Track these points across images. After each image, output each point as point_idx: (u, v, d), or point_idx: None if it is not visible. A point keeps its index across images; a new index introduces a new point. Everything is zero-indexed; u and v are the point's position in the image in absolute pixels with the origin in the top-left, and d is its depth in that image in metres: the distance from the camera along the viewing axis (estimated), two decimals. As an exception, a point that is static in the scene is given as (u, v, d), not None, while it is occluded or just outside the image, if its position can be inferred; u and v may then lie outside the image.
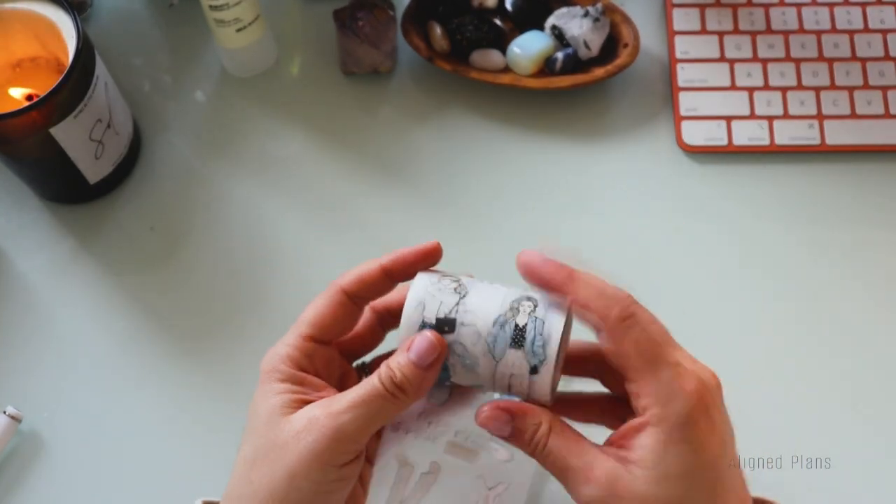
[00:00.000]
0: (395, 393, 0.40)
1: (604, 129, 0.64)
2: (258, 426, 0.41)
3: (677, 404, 0.38)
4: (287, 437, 0.40)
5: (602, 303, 0.39)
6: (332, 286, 0.44)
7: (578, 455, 0.40)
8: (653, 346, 0.39)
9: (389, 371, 0.40)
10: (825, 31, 0.65)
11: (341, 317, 0.44)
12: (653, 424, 0.38)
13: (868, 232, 0.60)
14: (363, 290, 0.44)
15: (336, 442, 0.39)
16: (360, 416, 0.40)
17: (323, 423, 0.39)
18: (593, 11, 0.63)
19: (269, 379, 0.42)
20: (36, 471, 0.55)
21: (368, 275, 0.44)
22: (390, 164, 0.64)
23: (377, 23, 0.63)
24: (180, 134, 0.65)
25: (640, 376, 0.39)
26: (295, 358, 0.43)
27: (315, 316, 0.44)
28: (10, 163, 0.59)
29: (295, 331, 0.44)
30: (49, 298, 0.60)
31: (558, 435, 0.40)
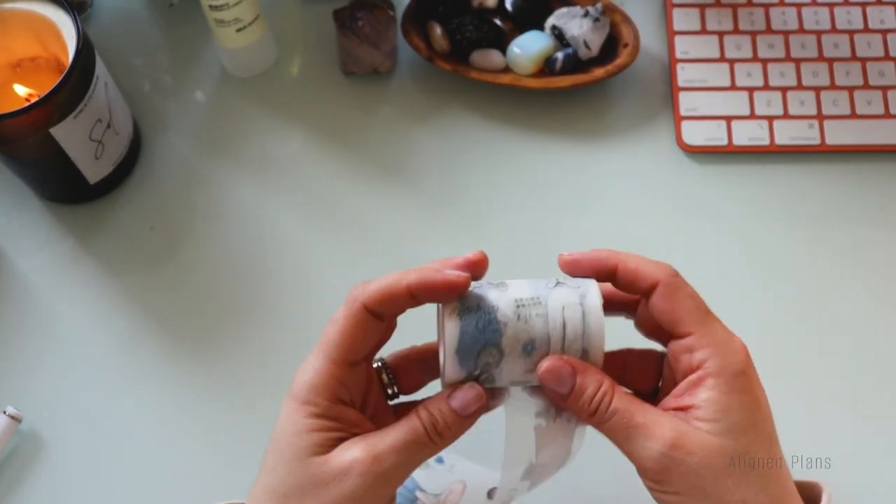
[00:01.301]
0: (435, 440, 0.40)
1: (604, 129, 0.64)
2: (291, 460, 0.40)
3: (735, 355, 0.39)
4: (327, 478, 0.39)
5: (651, 267, 0.41)
6: (354, 302, 0.42)
7: (643, 413, 0.39)
8: (702, 304, 0.41)
9: (431, 418, 0.40)
10: (825, 31, 0.65)
11: (369, 336, 0.42)
12: (713, 376, 0.39)
13: (868, 232, 0.60)
14: (388, 309, 0.42)
15: (378, 487, 0.39)
16: (402, 462, 0.40)
17: (366, 468, 0.39)
18: (593, 11, 0.63)
19: (304, 410, 0.41)
20: (36, 471, 0.55)
21: (393, 293, 0.41)
22: (390, 164, 0.64)
23: (377, 23, 0.63)
24: (180, 134, 0.65)
25: (694, 329, 0.40)
26: (330, 387, 0.41)
27: (343, 339, 0.42)
28: (10, 163, 0.59)
29: (324, 356, 0.42)
30: (49, 298, 0.60)
31: (621, 393, 0.40)
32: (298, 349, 0.58)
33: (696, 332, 0.40)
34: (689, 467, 0.38)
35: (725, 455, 0.38)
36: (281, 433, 0.41)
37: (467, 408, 0.40)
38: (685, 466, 0.38)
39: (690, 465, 0.38)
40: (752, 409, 0.39)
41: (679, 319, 0.40)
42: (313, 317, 0.59)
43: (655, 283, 0.40)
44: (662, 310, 0.40)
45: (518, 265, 0.60)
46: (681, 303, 0.40)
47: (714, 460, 0.38)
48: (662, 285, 0.40)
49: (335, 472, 0.39)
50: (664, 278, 0.40)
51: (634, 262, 0.41)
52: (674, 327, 0.40)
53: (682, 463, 0.38)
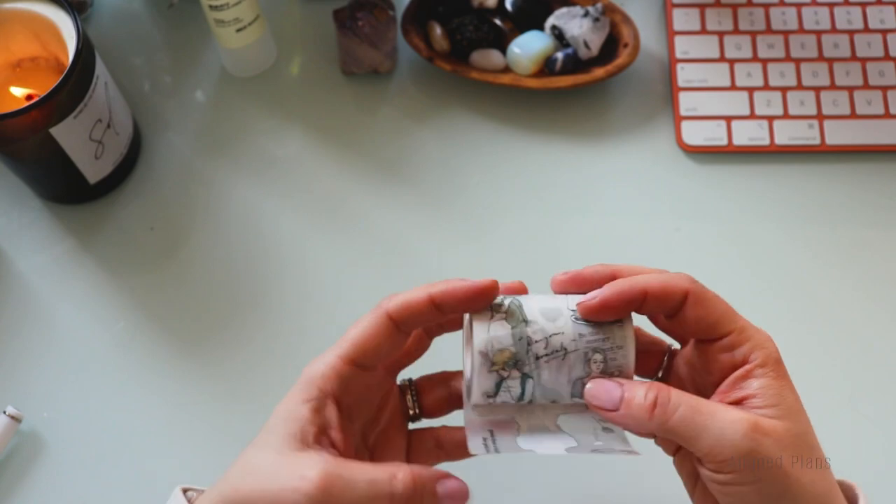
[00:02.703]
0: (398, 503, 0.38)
1: (604, 129, 0.64)
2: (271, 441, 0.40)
3: (771, 345, 0.41)
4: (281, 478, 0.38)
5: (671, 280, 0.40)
6: (378, 309, 0.42)
7: (706, 404, 0.39)
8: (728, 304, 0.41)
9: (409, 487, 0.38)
10: (825, 31, 0.65)
11: (386, 343, 0.42)
12: (760, 366, 0.40)
13: (868, 232, 0.60)
14: (410, 319, 0.42)
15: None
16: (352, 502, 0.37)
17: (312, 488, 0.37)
18: (593, 11, 0.63)
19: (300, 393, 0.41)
20: (36, 471, 0.55)
21: (416, 304, 0.41)
22: (390, 164, 0.64)
23: (377, 23, 0.63)
24: (180, 134, 0.66)
25: (734, 327, 0.40)
26: (329, 379, 0.41)
27: (359, 339, 0.42)
28: (10, 163, 0.59)
29: (337, 350, 0.42)
30: (49, 298, 0.60)
31: (679, 392, 0.39)
32: (299, 348, 0.58)
33: (734, 329, 0.40)
34: (769, 450, 0.38)
35: (793, 436, 0.39)
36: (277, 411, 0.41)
37: (448, 499, 0.39)
38: (766, 449, 0.38)
39: (770, 448, 0.38)
40: (795, 394, 0.41)
41: (716, 322, 0.40)
42: (313, 316, 0.59)
43: (685, 294, 0.40)
44: (698, 317, 0.40)
45: (518, 265, 0.60)
46: (714, 307, 0.40)
47: (786, 441, 0.38)
48: (692, 295, 0.40)
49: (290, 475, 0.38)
50: (690, 287, 0.40)
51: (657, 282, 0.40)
52: (711, 331, 0.41)
53: (763, 446, 0.38)
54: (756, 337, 0.41)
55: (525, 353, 0.40)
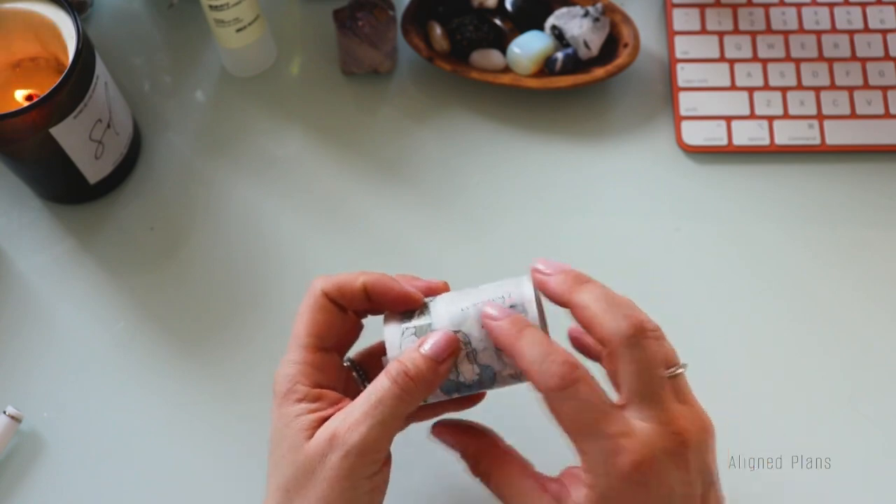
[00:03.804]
0: (408, 389, 0.39)
1: (604, 129, 0.64)
2: (285, 453, 0.41)
3: (605, 478, 0.38)
4: (314, 462, 0.39)
5: (540, 369, 0.39)
6: (313, 290, 0.43)
7: (514, 490, 0.41)
8: (590, 418, 0.38)
9: (402, 366, 0.40)
10: (825, 31, 0.65)
11: (333, 322, 0.43)
12: (586, 486, 0.38)
13: (868, 232, 0.60)
14: (342, 299, 0.43)
15: (360, 457, 0.39)
16: (378, 424, 0.39)
17: (344, 440, 0.39)
18: (593, 11, 0.63)
19: (286, 402, 0.42)
20: (36, 471, 0.55)
21: (347, 285, 0.43)
22: (390, 164, 0.64)
23: (377, 23, 0.63)
24: (180, 134, 0.66)
25: (575, 443, 0.38)
26: (307, 373, 0.42)
27: (309, 325, 0.43)
28: (10, 163, 0.59)
29: (295, 346, 0.43)
30: (49, 298, 0.60)
31: (496, 467, 0.41)
32: (298, 349, 0.58)
33: (577, 446, 0.38)
34: None
35: None
36: (273, 430, 0.42)
37: (439, 353, 0.40)
38: None
39: None
40: None
41: (565, 431, 0.39)
42: (313, 317, 0.59)
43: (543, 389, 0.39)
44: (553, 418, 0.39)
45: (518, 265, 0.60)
46: (563, 418, 0.38)
47: None
48: (547, 399, 0.39)
49: (319, 454, 0.39)
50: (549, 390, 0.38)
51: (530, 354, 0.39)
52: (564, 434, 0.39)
53: None
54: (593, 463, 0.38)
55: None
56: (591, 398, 0.38)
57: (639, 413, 0.38)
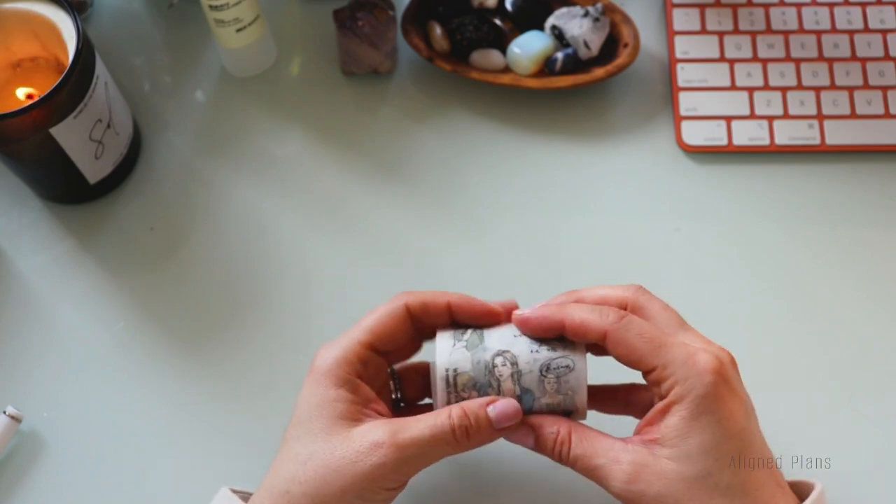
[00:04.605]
0: (461, 441, 0.41)
1: (604, 129, 0.64)
2: (314, 429, 0.42)
3: (695, 378, 0.39)
4: (348, 454, 0.41)
5: (596, 315, 0.42)
6: (397, 300, 0.45)
7: (602, 453, 0.41)
8: (657, 334, 0.41)
9: (465, 420, 0.41)
10: (825, 31, 0.65)
11: (401, 333, 0.45)
12: (676, 402, 0.40)
13: (868, 232, 0.60)
14: (424, 316, 0.45)
15: (396, 472, 0.41)
16: (424, 454, 0.41)
17: (387, 452, 0.41)
18: (593, 11, 0.63)
19: (327, 381, 0.43)
20: (36, 471, 0.55)
21: (434, 305, 0.45)
22: (390, 164, 0.64)
23: (377, 23, 0.63)
24: (180, 134, 0.66)
25: (654, 362, 0.40)
26: (353, 364, 0.44)
27: (378, 326, 0.44)
28: (10, 163, 0.59)
29: (355, 335, 0.44)
30: (49, 298, 0.60)
31: (580, 437, 0.42)
32: (299, 348, 0.58)
33: (655, 364, 0.40)
34: (650, 497, 0.39)
35: (684, 480, 0.39)
36: (305, 404, 0.43)
37: (502, 422, 0.42)
38: (646, 498, 0.40)
39: (651, 496, 0.39)
40: (714, 431, 0.39)
41: (637, 360, 0.41)
42: (313, 316, 0.59)
43: (603, 333, 0.41)
44: (619, 355, 0.42)
45: (518, 265, 0.60)
46: (632, 344, 0.41)
47: (673, 486, 0.39)
48: (609, 335, 0.41)
49: (357, 451, 0.41)
50: (609, 327, 0.41)
51: (580, 315, 0.42)
52: (636, 367, 0.41)
53: (643, 494, 0.40)
54: (679, 372, 0.40)
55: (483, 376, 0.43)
56: (648, 322, 0.42)
57: (684, 337, 0.42)
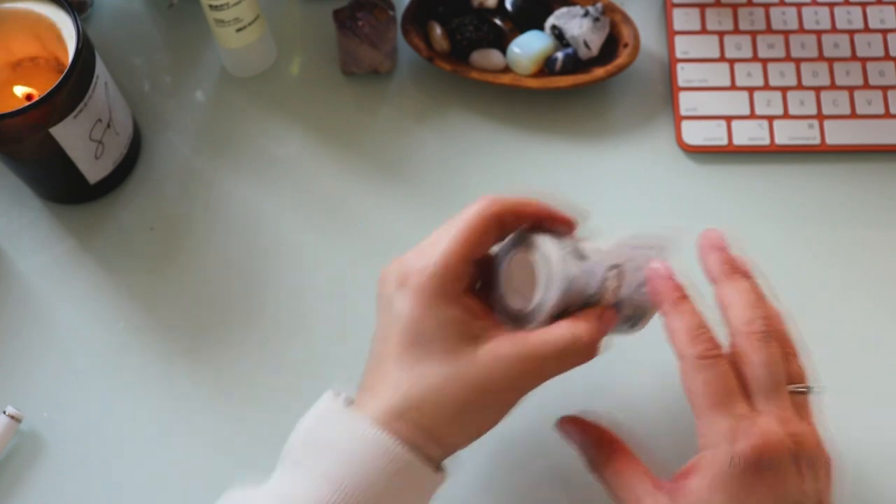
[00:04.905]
0: (590, 353, 0.43)
1: (604, 129, 0.64)
2: (436, 350, 0.41)
3: (723, 454, 0.39)
4: (477, 373, 0.41)
5: (685, 337, 0.41)
6: (487, 206, 0.44)
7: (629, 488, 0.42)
8: (721, 392, 0.40)
9: (596, 333, 0.43)
10: (825, 31, 0.65)
11: (491, 240, 0.45)
12: (701, 467, 0.40)
13: (868, 232, 0.60)
14: (513, 218, 0.45)
15: (522, 390, 0.42)
16: (550, 370, 0.42)
17: (518, 368, 0.41)
18: (593, 11, 0.63)
19: (440, 300, 0.42)
20: (36, 471, 0.55)
21: (523, 209, 0.45)
22: (390, 164, 0.64)
23: (377, 23, 0.63)
24: (180, 134, 0.66)
25: (701, 417, 0.40)
26: (460, 277, 0.43)
27: (472, 235, 0.44)
28: (10, 163, 0.59)
29: (453, 248, 0.43)
30: (49, 298, 0.60)
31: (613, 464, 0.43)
32: (299, 347, 0.58)
33: (701, 419, 0.40)
34: None
35: None
36: (418, 325, 0.42)
37: (607, 329, 0.44)
38: None
39: None
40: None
41: (692, 403, 0.41)
42: (314, 315, 0.59)
43: (680, 357, 0.41)
44: (684, 386, 0.41)
45: (518, 265, 0.60)
46: (696, 385, 0.40)
47: None
48: (684, 364, 0.41)
49: (487, 368, 0.41)
50: (688, 357, 0.41)
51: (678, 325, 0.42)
52: (691, 407, 0.41)
53: None
54: (717, 437, 0.40)
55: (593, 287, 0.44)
56: (725, 376, 0.40)
57: (762, 405, 0.40)
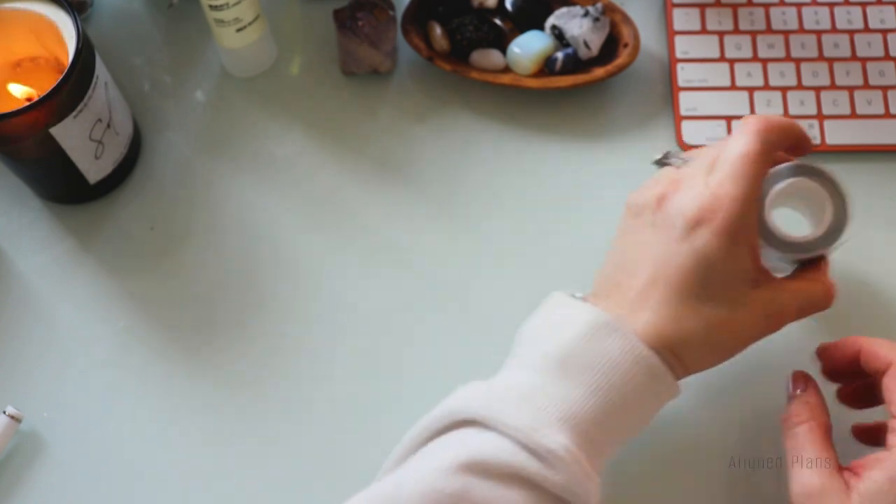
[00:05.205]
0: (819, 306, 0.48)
1: (604, 128, 0.64)
2: (716, 282, 0.44)
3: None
4: (756, 319, 0.45)
5: (885, 349, 0.45)
6: (766, 137, 0.46)
7: (810, 463, 0.44)
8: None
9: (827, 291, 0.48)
10: (825, 31, 0.65)
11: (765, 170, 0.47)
12: (889, 460, 0.41)
13: (868, 232, 0.60)
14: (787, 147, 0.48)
15: (762, 337, 0.46)
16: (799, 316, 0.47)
17: (790, 318, 0.47)
18: (593, 11, 0.63)
19: (741, 244, 0.44)
20: (36, 471, 0.55)
21: (792, 132, 0.47)
22: (390, 164, 0.64)
23: (377, 23, 0.63)
24: (180, 134, 0.66)
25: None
26: (755, 219, 0.46)
27: (762, 172, 0.46)
28: (10, 163, 0.59)
29: (746, 191, 0.45)
30: (49, 298, 0.60)
31: (808, 433, 0.45)
32: (300, 347, 0.58)
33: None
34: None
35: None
36: (707, 261, 0.44)
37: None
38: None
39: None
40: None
41: (893, 399, 0.43)
42: (314, 314, 0.59)
43: (889, 364, 0.44)
44: (886, 388, 0.43)
45: (518, 264, 0.60)
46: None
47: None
48: (894, 367, 0.43)
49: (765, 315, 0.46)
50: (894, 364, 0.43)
51: (874, 346, 0.46)
52: (890, 407, 0.43)
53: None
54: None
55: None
56: None
57: None
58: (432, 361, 0.57)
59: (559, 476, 0.40)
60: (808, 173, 0.49)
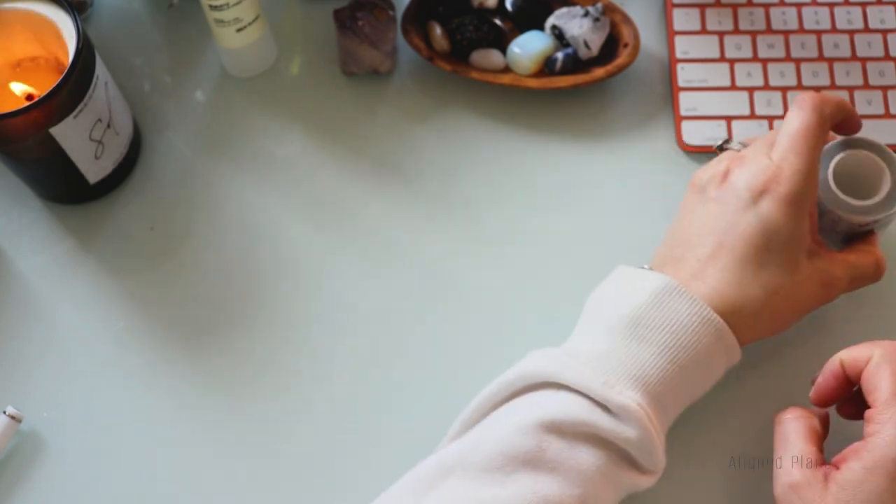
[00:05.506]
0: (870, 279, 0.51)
1: (604, 128, 0.64)
2: (784, 261, 0.47)
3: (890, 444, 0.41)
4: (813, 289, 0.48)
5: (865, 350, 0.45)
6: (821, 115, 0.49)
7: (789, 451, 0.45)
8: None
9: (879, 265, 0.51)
10: (825, 31, 0.65)
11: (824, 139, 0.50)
12: (865, 450, 0.41)
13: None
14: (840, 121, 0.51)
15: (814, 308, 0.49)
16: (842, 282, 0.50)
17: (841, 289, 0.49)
18: (593, 11, 0.63)
19: (802, 214, 0.47)
20: (36, 471, 0.55)
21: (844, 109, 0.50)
22: (390, 164, 0.64)
23: (377, 23, 0.63)
24: (180, 134, 0.66)
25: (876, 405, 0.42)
26: (814, 192, 0.49)
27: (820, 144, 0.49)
28: (10, 163, 0.59)
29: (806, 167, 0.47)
30: (49, 298, 0.60)
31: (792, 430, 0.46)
32: (300, 347, 0.58)
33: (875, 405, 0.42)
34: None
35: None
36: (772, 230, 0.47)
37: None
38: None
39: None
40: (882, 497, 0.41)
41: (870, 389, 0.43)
42: (314, 314, 0.59)
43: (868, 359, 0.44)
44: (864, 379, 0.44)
45: (517, 264, 0.60)
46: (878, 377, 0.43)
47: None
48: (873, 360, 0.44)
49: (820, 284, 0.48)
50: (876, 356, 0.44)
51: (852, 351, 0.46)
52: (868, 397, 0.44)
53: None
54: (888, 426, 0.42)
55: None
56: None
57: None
58: (432, 361, 0.57)
59: (631, 431, 0.43)
60: (863, 146, 0.52)
